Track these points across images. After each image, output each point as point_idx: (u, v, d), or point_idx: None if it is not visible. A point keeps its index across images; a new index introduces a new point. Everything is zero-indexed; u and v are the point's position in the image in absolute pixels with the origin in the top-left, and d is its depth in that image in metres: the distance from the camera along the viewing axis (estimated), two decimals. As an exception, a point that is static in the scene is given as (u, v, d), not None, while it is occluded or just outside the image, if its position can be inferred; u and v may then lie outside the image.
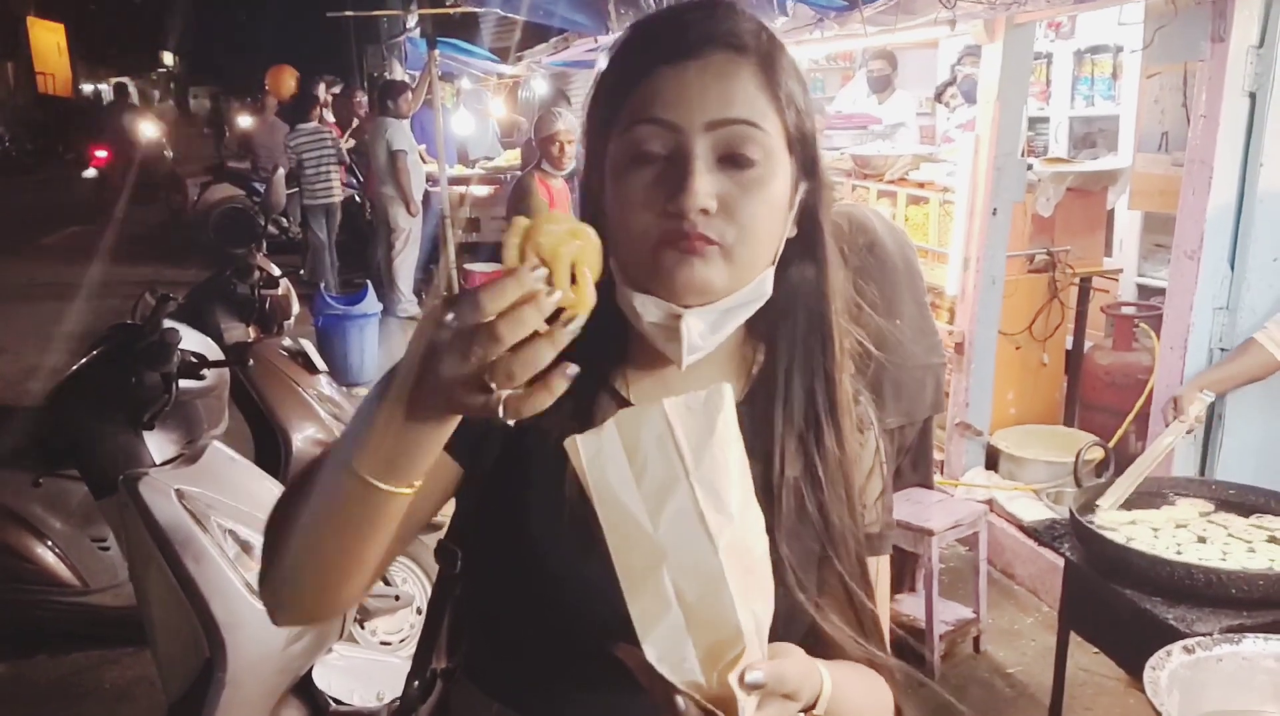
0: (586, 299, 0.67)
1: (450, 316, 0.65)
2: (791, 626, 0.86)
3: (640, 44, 0.86)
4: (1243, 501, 2.37)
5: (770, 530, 0.83)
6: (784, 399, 0.90)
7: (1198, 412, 2.52)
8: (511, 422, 0.66)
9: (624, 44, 0.88)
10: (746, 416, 0.87)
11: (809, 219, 0.90)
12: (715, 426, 0.69)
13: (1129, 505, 2.37)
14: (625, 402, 0.88)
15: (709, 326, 0.84)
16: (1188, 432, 2.56)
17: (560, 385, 0.66)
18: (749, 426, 0.86)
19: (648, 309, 0.84)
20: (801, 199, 0.89)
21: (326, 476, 0.74)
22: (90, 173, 10.80)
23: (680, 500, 0.67)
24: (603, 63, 0.89)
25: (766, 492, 0.87)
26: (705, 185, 0.80)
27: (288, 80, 9.46)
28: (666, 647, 0.66)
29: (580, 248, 0.67)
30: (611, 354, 0.88)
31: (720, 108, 0.82)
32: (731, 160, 0.82)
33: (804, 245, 0.91)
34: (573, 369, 0.66)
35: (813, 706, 0.78)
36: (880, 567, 0.96)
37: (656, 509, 0.67)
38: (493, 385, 0.65)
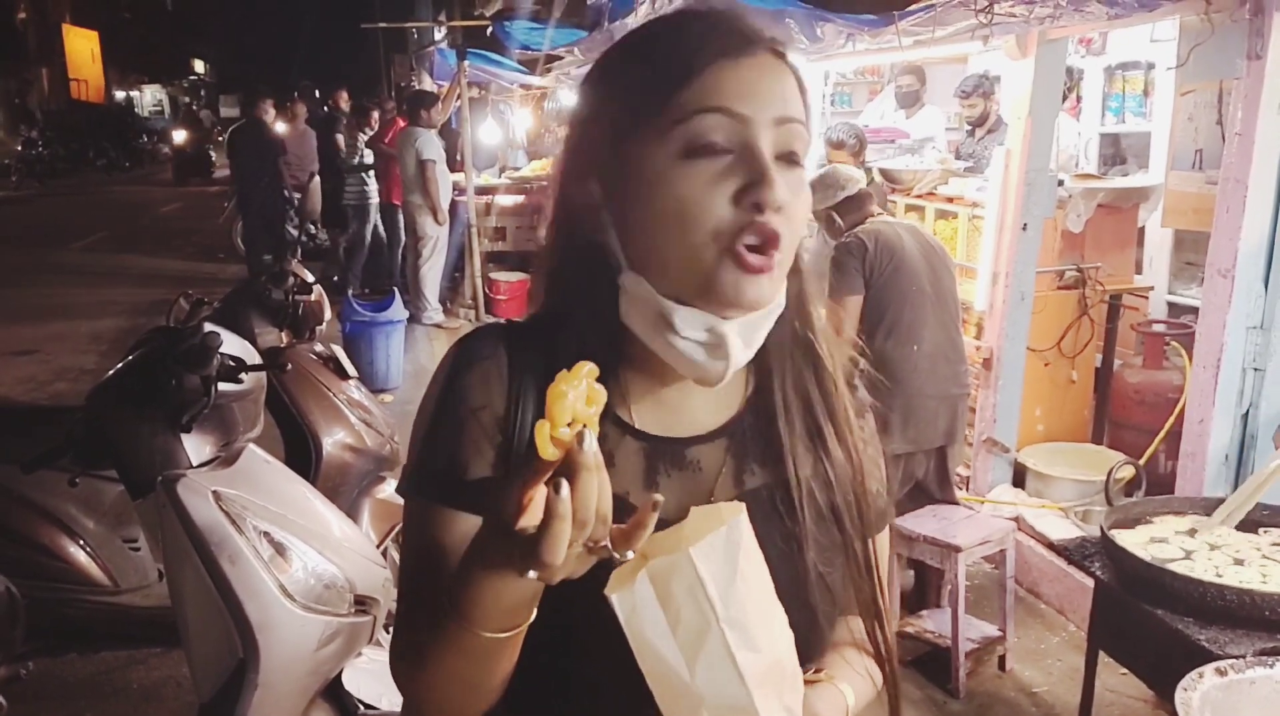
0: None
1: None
2: (815, 631, 0.89)
3: (689, 37, 0.81)
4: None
5: (796, 538, 0.87)
6: (784, 409, 0.90)
7: None
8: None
9: (665, 36, 0.83)
10: (751, 431, 0.90)
11: None
12: (738, 562, 0.73)
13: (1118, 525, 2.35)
14: (632, 429, 0.86)
15: (745, 341, 0.81)
16: None
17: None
18: (756, 440, 0.90)
19: (688, 323, 0.80)
20: None
21: (455, 641, 0.75)
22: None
23: (713, 647, 0.72)
24: (621, 57, 0.84)
25: (786, 501, 0.89)
26: (780, 179, 0.78)
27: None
28: None
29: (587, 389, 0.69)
30: (609, 381, 0.84)
31: (782, 105, 0.80)
32: (788, 158, 0.80)
33: None
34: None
35: None
36: (880, 543, 0.97)
37: (693, 657, 0.72)
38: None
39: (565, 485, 0.64)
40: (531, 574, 0.67)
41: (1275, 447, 2.59)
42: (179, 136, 24.35)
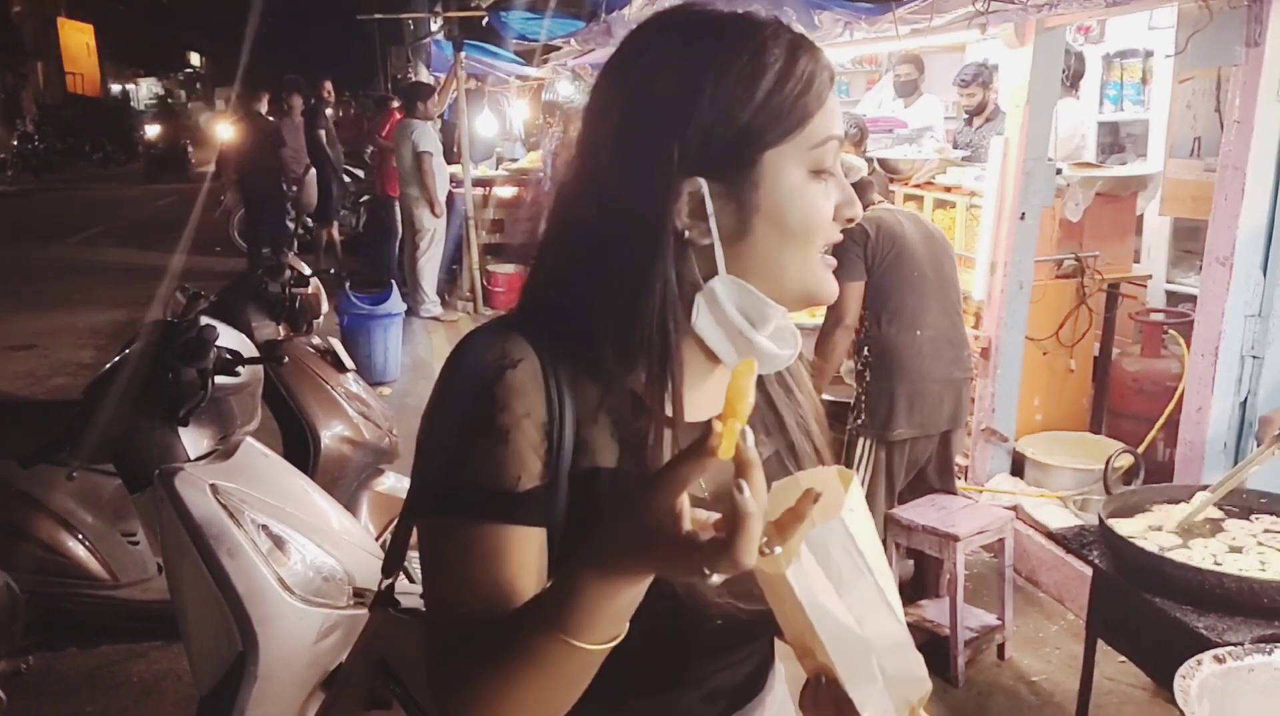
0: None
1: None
2: None
3: (813, 60, 0.85)
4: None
5: None
6: (769, 380, 0.97)
7: None
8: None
9: (789, 53, 0.83)
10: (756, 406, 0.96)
11: None
12: (868, 516, 0.80)
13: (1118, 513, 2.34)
14: (668, 419, 0.86)
15: None
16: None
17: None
18: (756, 411, 0.94)
19: (774, 321, 0.87)
20: None
21: (548, 660, 0.74)
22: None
23: (871, 596, 0.79)
24: (741, 60, 0.82)
25: (792, 459, 0.96)
26: None
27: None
28: (876, 712, 0.81)
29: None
30: (652, 380, 0.85)
31: None
32: None
33: None
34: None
35: None
36: None
37: (858, 610, 0.78)
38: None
39: (746, 484, 0.64)
40: (715, 578, 0.66)
41: (1257, 442, 2.57)
42: (151, 131, 22.91)
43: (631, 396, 0.84)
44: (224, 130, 9.88)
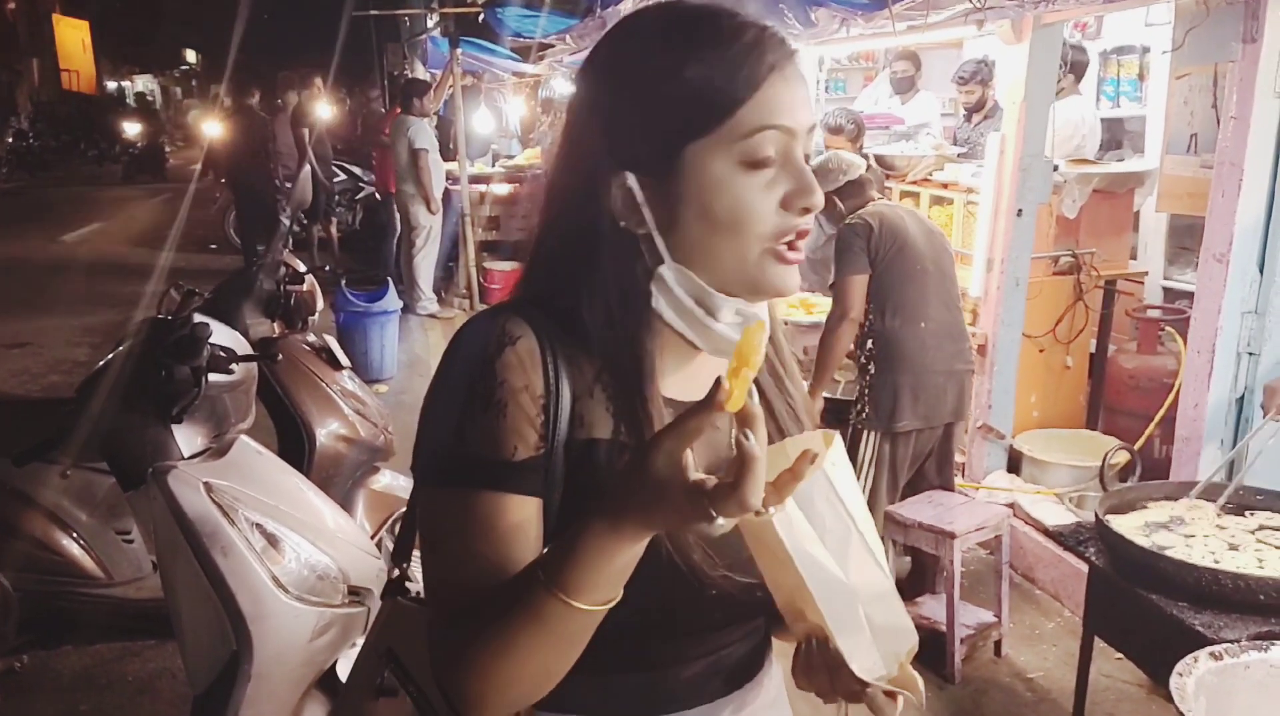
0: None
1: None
2: None
3: (747, 46, 0.84)
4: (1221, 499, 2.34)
5: None
6: (761, 370, 0.98)
7: None
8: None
9: (720, 40, 0.84)
10: None
11: None
12: (850, 469, 0.83)
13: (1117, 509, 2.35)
14: (664, 397, 0.89)
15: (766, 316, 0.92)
16: None
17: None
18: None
19: (727, 309, 0.86)
20: None
21: (547, 623, 0.76)
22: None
23: (855, 546, 0.81)
24: (672, 55, 0.84)
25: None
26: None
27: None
28: (865, 663, 0.83)
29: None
30: (643, 359, 0.88)
31: (809, 113, 0.87)
32: (808, 158, 0.88)
33: None
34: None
35: None
36: None
37: (843, 559, 0.81)
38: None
39: (751, 432, 0.68)
40: (721, 521, 0.69)
41: (1263, 411, 2.57)
42: (131, 130, 22.12)
43: (623, 373, 0.87)
44: (211, 127, 9.83)
